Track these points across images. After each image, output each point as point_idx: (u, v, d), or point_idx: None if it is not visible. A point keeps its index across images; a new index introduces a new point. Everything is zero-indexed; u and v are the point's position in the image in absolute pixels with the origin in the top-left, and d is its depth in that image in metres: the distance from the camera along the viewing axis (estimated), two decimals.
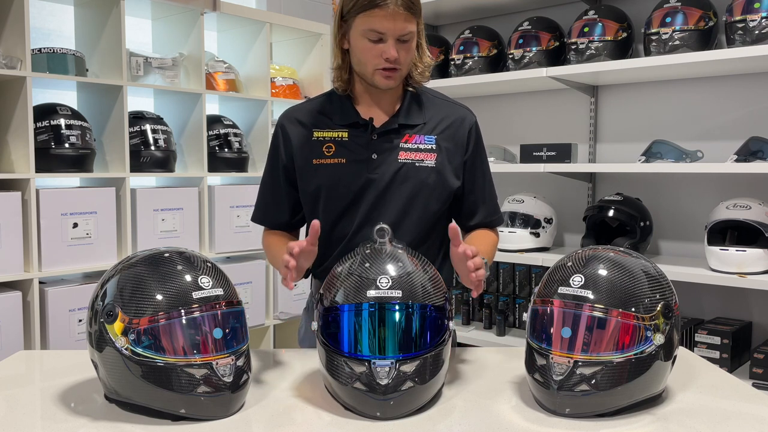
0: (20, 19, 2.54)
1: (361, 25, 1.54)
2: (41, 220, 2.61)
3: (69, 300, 2.67)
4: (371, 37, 1.54)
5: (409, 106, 1.69)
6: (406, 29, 1.54)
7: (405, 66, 1.61)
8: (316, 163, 1.69)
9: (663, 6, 2.71)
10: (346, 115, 1.68)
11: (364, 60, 1.58)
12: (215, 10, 3.12)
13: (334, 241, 1.71)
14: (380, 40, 1.54)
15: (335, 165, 1.67)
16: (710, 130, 2.89)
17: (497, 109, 3.51)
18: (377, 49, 1.55)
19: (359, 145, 1.66)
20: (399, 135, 1.67)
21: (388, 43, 1.54)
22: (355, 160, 1.66)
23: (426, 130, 1.69)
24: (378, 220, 1.64)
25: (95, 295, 1.29)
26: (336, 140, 1.68)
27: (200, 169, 3.11)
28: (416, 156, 1.67)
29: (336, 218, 1.69)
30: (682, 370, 1.49)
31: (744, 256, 2.49)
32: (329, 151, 1.68)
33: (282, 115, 1.77)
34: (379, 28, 1.53)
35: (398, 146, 1.66)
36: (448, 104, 1.75)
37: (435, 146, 1.68)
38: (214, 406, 1.24)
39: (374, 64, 1.57)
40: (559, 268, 1.34)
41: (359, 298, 1.28)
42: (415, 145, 1.68)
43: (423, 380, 1.26)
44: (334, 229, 1.70)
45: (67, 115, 2.72)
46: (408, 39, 1.57)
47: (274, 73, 3.46)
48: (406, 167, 1.66)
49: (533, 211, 3.08)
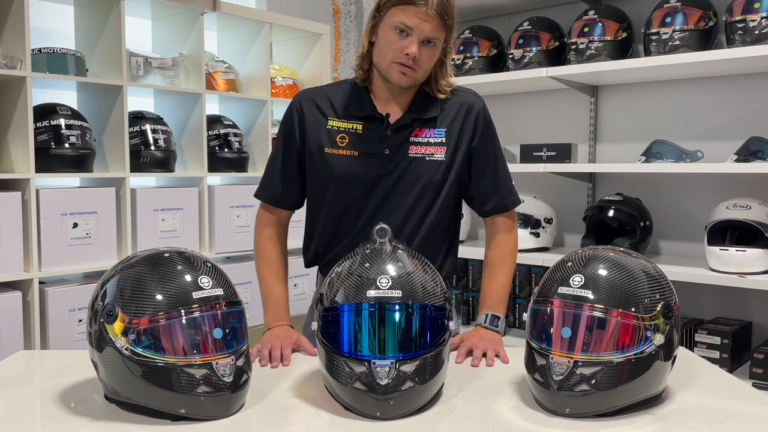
0: (20, 19, 2.54)
1: (393, 17, 1.59)
2: (41, 220, 2.61)
3: (69, 300, 2.67)
4: (399, 30, 1.58)
5: (423, 99, 1.71)
6: (434, 33, 1.59)
7: (422, 70, 1.63)
8: (328, 152, 1.70)
9: (663, 6, 2.71)
10: (364, 107, 1.70)
11: (386, 51, 1.61)
12: (215, 10, 3.12)
13: (341, 233, 1.72)
14: (406, 36, 1.58)
15: (348, 157, 1.68)
16: (710, 130, 2.89)
17: (497, 109, 3.50)
18: (401, 44, 1.59)
19: (373, 139, 1.68)
20: (411, 129, 1.69)
21: (412, 39, 1.58)
22: (367, 153, 1.68)
23: (437, 123, 1.71)
24: (387, 214, 1.66)
25: (95, 295, 1.29)
26: (350, 131, 1.70)
27: (200, 169, 3.11)
28: (426, 150, 1.69)
29: (344, 210, 1.71)
30: (682, 370, 1.49)
31: (744, 256, 2.49)
32: (343, 142, 1.70)
33: (300, 94, 1.78)
34: (408, 23, 1.57)
35: (409, 140, 1.69)
36: (455, 93, 1.76)
37: (445, 139, 1.71)
38: (214, 406, 1.24)
39: (393, 57, 1.60)
40: (559, 268, 1.34)
41: (359, 298, 1.28)
42: (425, 138, 1.70)
43: (423, 380, 1.26)
44: (342, 220, 1.72)
45: (67, 115, 2.72)
46: (432, 43, 1.60)
47: (274, 73, 3.46)
48: (416, 161, 1.69)
49: (533, 211, 3.08)
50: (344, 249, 1.72)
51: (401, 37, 1.59)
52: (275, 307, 1.75)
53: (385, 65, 1.63)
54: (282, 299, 1.77)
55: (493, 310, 1.73)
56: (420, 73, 1.64)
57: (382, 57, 1.63)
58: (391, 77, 1.63)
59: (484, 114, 1.76)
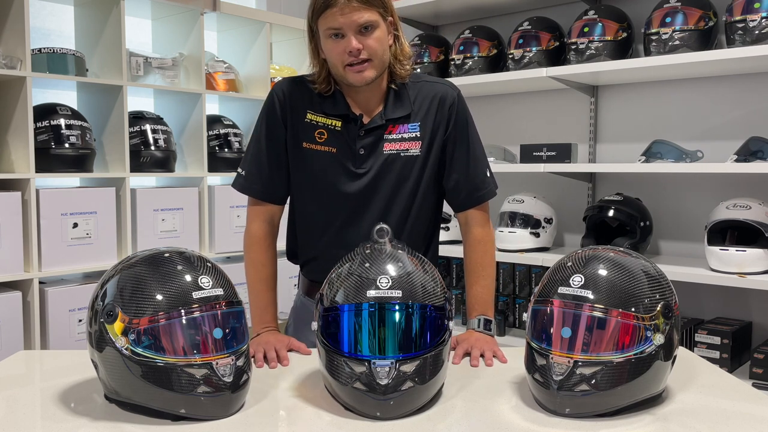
0: (20, 19, 2.54)
1: (323, 27, 1.59)
2: (41, 220, 2.61)
3: (69, 300, 2.67)
4: (333, 36, 1.58)
5: (395, 100, 1.70)
6: (363, 18, 1.56)
7: (377, 57, 1.60)
8: (306, 147, 1.69)
9: (663, 6, 2.70)
10: (338, 106, 1.69)
11: (333, 60, 1.61)
12: (215, 10, 3.12)
13: (320, 231, 1.72)
14: (342, 37, 1.57)
15: (326, 153, 1.68)
16: (710, 130, 2.89)
17: (497, 109, 3.51)
18: (341, 46, 1.58)
19: (350, 137, 1.68)
20: (384, 128, 1.69)
21: (348, 37, 1.57)
22: (344, 151, 1.68)
23: (411, 118, 1.70)
24: (365, 211, 1.66)
25: (95, 295, 1.29)
26: (329, 128, 1.69)
27: (200, 169, 3.11)
28: (401, 146, 1.69)
29: (323, 207, 1.71)
30: (682, 370, 1.49)
31: (744, 256, 2.49)
32: (321, 137, 1.69)
33: (278, 84, 1.76)
34: (334, 25, 1.56)
35: (383, 138, 1.68)
36: (429, 84, 1.74)
37: (419, 132, 1.70)
38: (214, 406, 1.24)
39: (341, 61, 1.59)
40: (559, 268, 1.33)
41: (359, 298, 1.28)
42: (399, 135, 1.69)
43: (423, 380, 1.26)
44: (321, 217, 1.71)
45: (67, 115, 2.72)
46: (369, 29, 1.58)
47: (274, 73, 3.46)
48: (391, 158, 1.68)
49: (533, 211, 3.08)
50: (324, 248, 1.72)
51: (338, 41, 1.58)
52: (263, 313, 1.72)
53: (340, 73, 1.62)
54: (269, 305, 1.74)
55: (484, 314, 1.72)
56: (377, 61, 1.61)
57: (334, 67, 1.63)
58: (351, 80, 1.62)
59: (458, 104, 1.73)
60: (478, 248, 1.76)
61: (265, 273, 1.76)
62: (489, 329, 1.70)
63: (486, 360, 1.57)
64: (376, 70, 1.62)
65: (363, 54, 1.58)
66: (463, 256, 1.80)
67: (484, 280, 1.75)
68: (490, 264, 1.76)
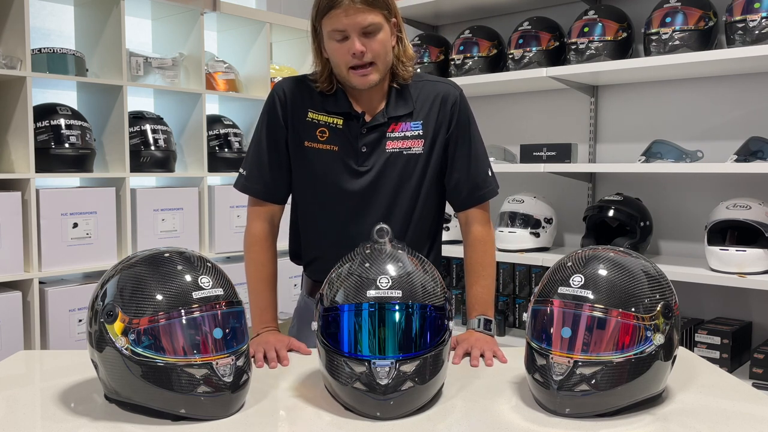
0: (20, 19, 2.54)
1: (327, 28, 1.58)
2: (41, 220, 2.61)
3: (69, 300, 2.67)
4: (336, 38, 1.57)
5: (397, 98, 1.70)
6: (367, 21, 1.55)
7: (380, 60, 1.60)
8: (308, 146, 1.69)
9: (663, 6, 2.71)
10: (340, 104, 1.69)
11: (336, 61, 1.61)
12: (215, 10, 3.12)
13: (323, 230, 1.72)
14: (346, 38, 1.57)
15: (328, 152, 1.68)
16: (710, 130, 2.89)
17: (497, 109, 3.51)
18: (344, 48, 1.58)
19: (352, 135, 1.67)
20: (387, 125, 1.68)
21: (352, 39, 1.56)
22: (346, 150, 1.68)
23: (413, 116, 1.70)
24: (368, 210, 1.66)
25: (95, 295, 1.29)
26: (331, 126, 1.68)
27: (200, 169, 3.11)
28: (403, 144, 1.69)
29: (325, 206, 1.70)
30: (682, 370, 1.49)
31: (744, 256, 2.49)
32: (323, 136, 1.69)
33: (279, 84, 1.75)
34: (339, 26, 1.55)
35: (385, 136, 1.68)
36: (431, 83, 1.74)
37: (422, 131, 1.70)
38: (214, 406, 1.24)
39: (345, 63, 1.59)
40: (559, 268, 1.33)
41: (359, 298, 1.28)
42: (401, 132, 1.69)
43: (423, 380, 1.26)
44: (323, 217, 1.71)
45: (67, 115, 2.72)
46: (373, 31, 1.57)
47: (274, 73, 3.46)
48: (393, 156, 1.68)
49: (533, 211, 3.08)
50: (327, 247, 1.72)
51: (342, 43, 1.57)
52: (263, 313, 1.72)
53: (343, 74, 1.62)
54: (269, 305, 1.74)
55: (484, 314, 1.72)
56: (381, 64, 1.61)
57: (338, 68, 1.62)
58: (354, 83, 1.62)
59: (460, 103, 1.73)
60: (478, 248, 1.76)
61: (266, 273, 1.76)
62: (489, 329, 1.70)
63: (486, 360, 1.57)
64: (380, 74, 1.62)
65: (366, 56, 1.57)
66: (464, 255, 1.80)
67: (485, 279, 1.75)
68: (490, 264, 1.76)
